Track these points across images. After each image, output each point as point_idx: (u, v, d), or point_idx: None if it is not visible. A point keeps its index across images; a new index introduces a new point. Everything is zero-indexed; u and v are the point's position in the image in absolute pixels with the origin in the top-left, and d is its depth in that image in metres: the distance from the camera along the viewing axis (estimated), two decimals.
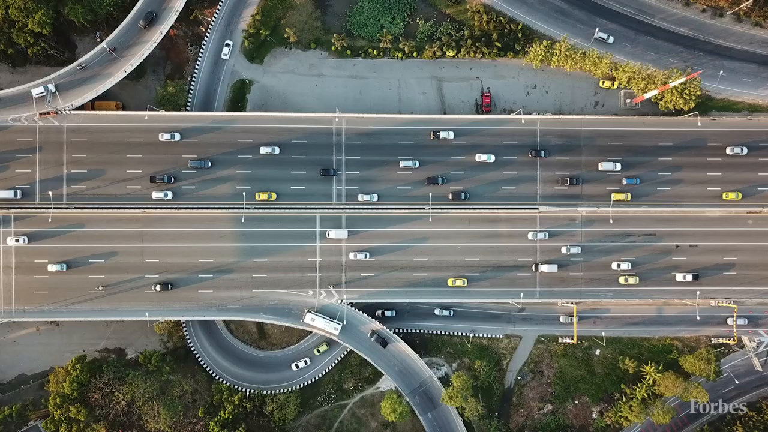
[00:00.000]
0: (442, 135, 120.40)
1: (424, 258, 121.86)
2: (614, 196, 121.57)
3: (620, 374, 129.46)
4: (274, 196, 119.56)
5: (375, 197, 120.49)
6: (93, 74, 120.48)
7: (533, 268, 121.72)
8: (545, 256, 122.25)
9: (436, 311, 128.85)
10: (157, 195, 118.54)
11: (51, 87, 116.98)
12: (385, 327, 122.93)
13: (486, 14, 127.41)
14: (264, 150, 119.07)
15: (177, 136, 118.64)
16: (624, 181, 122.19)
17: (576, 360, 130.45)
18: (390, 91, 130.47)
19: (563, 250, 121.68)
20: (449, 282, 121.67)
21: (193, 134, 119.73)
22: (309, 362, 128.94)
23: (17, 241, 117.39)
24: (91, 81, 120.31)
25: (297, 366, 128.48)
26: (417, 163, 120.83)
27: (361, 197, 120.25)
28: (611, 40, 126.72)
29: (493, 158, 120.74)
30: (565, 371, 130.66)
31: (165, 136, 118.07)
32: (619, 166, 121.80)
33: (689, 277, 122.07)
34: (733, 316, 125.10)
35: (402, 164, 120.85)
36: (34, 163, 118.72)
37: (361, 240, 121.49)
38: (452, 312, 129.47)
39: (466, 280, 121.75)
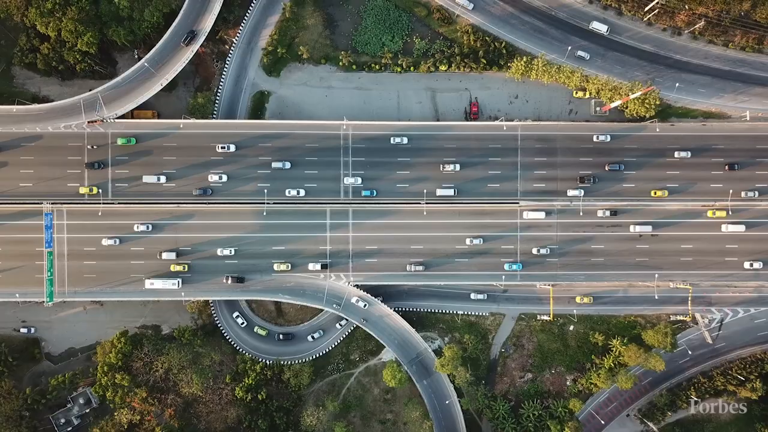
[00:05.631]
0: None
1: (420, 246, 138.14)
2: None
3: (591, 347, 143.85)
4: None
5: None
6: (133, 87, 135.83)
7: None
8: (525, 245, 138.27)
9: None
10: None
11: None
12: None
13: (474, 33, 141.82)
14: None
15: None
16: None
17: (552, 335, 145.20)
18: (390, 101, 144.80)
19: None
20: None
21: (219, 139, 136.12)
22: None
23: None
24: (132, 93, 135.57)
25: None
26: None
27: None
28: (588, 57, 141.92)
29: None
30: (543, 344, 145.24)
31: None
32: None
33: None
34: (688, 297, 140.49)
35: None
36: (83, 165, 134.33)
37: (364, 230, 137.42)
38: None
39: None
